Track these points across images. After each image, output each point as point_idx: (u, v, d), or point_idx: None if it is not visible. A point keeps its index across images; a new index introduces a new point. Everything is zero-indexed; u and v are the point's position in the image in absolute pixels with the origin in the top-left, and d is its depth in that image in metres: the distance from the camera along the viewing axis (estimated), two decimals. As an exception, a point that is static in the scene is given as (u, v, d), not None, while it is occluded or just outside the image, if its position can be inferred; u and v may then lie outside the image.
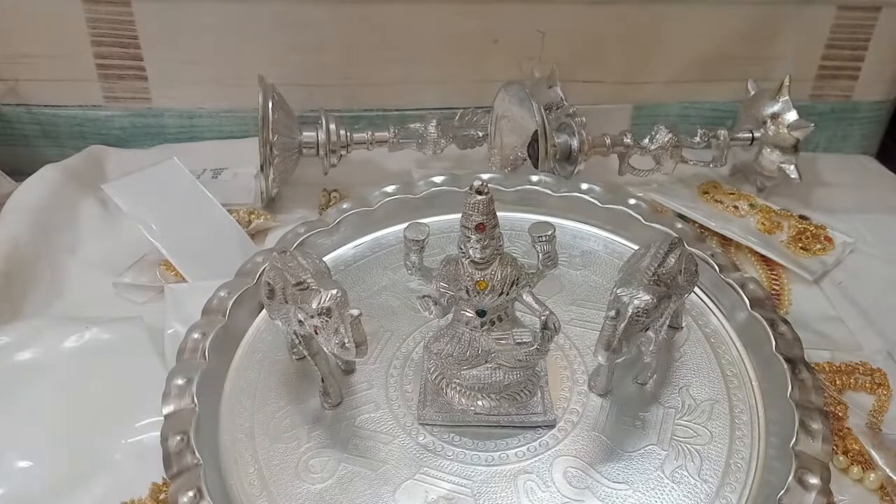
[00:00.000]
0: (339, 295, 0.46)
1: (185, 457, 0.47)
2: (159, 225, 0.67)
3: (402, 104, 0.88)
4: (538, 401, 0.53)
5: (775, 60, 0.87)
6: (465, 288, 0.48)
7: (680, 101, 0.91)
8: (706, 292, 0.62)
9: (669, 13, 0.85)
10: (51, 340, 0.58)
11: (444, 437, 0.51)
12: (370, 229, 0.68)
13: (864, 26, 0.86)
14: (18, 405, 0.55)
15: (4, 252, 0.66)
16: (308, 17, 0.82)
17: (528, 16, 0.83)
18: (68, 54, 0.82)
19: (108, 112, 0.86)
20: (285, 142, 0.73)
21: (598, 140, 0.76)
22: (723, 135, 0.80)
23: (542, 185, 0.70)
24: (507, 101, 0.79)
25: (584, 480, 0.49)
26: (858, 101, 0.91)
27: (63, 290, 0.68)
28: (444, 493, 0.48)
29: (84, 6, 0.80)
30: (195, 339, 0.54)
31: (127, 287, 0.67)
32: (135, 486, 0.50)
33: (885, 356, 0.62)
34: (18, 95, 0.84)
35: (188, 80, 0.85)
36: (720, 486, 0.48)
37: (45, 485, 0.50)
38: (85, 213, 0.75)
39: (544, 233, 0.48)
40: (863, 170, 0.91)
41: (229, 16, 0.81)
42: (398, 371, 0.56)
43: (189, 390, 0.50)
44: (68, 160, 0.80)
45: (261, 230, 0.75)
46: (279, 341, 0.57)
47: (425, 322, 0.59)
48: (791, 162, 0.79)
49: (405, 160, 0.83)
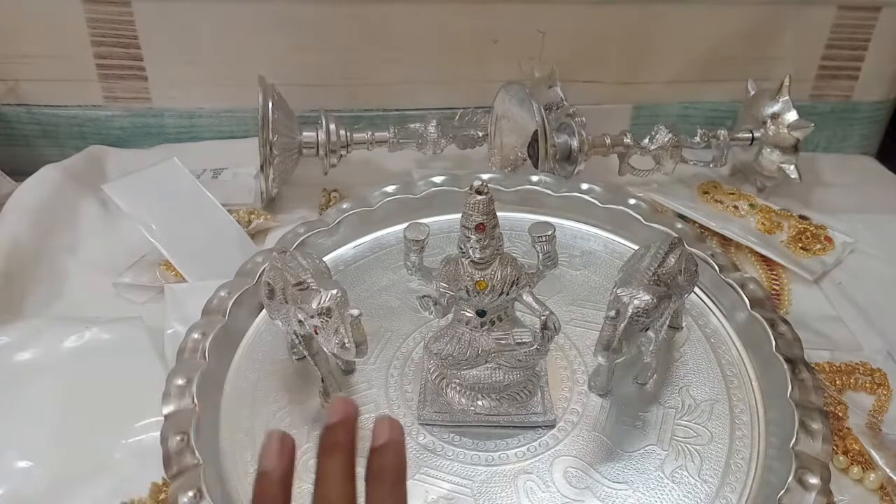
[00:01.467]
0: (339, 295, 0.46)
1: (185, 457, 0.47)
2: (159, 225, 0.67)
3: (402, 104, 0.88)
4: (538, 401, 0.53)
5: (775, 60, 0.87)
6: (465, 288, 0.48)
7: (680, 101, 0.91)
8: (706, 292, 0.62)
9: (669, 13, 0.85)
10: (51, 340, 0.58)
11: (444, 437, 0.51)
12: (370, 229, 0.68)
13: (864, 26, 0.86)
14: (18, 405, 0.55)
15: (4, 252, 0.66)
16: (308, 17, 0.82)
17: (528, 16, 0.83)
18: (68, 54, 0.82)
19: (108, 112, 0.86)
20: (285, 142, 0.73)
21: (598, 140, 0.76)
22: (723, 135, 0.80)
23: (542, 185, 0.70)
24: (507, 101, 0.79)
25: (584, 480, 0.49)
26: (858, 101, 0.91)
27: (63, 290, 0.67)
28: (444, 493, 0.48)
29: (84, 6, 0.80)
30: (195, 339, 0.54)
31: (127, 287, 0.67)
32: (135, 486, 0.50)
33: (885, 356, 0.62)
34: (18, 95, 0.84)
35: (188, 80, 0.85)
36: (720, 486, 0.48)
37: (45, 485, 0.50)
38: (85, 213, 0.75)
39: (544, 233, 0.48)
40: (863, 170, 0.91)
41: (229, 16, 0.81)
42: (398, 371, 0.56)
43: (189, 390, 0.50)
44: (68, 160, 0.80)
45: (261, 230, 0.75)
46: (279, 341, 0.57)
47: (425, 322, 0.59)
48: (791, 162, 0.79)
49: (405, 160, 0.83)
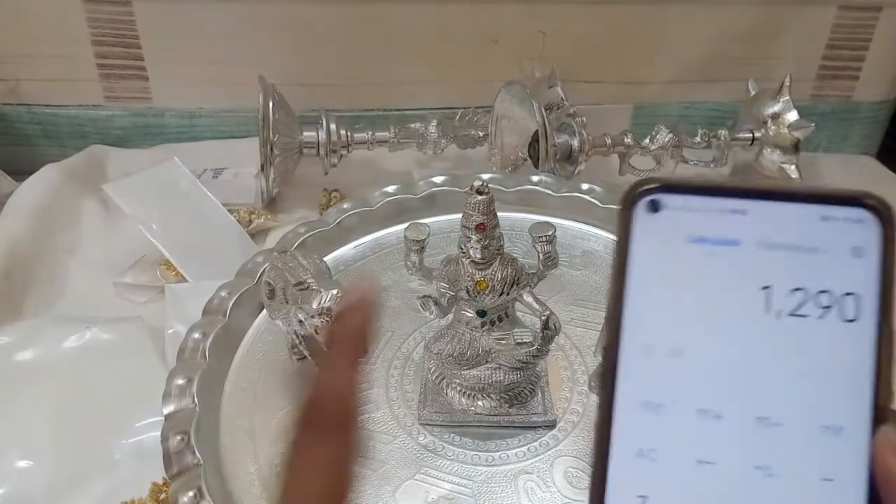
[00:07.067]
0: (339, 295, 0.46)
1: (186, 457, 0.47)
2: (160, 225, 0.67)
3: (403, 104, 0.87)
4: (538, 401, 0.53)
5: (776, 60, 0.87)
6: (465, 288, 0.48)
7: (680, 101, 0.91)
8: (707, 292, 0.62)
9: (669, 13, 0.85)
10: (51, 340, 0.58)
11: (444, 438, 0.51)
12: (370, 229, 0.68)
13: (864, 26, 0.86)
14: (18, 405, 0.55)
15: (4, 252, 0.66)
16: (308, 17, 0.82)
17: (528, 16, 0.82)
18: (69, 54, 0.82)
19: (108, 112, 0.86)
20: (286, 142, 0.73)
21: (598, 140, 0.76)
22: (723, 135, 0.80)
23: (542, 186, 0.70)
24: (507, 101, 0.79)
25: (584, 481, 0.49)
26: (859, 102, 0.91)
27: (63, 290, 0.67)
28: (444, 493, 0.48)
29: (84, 6, 0.80)
30: (195, 339, 0.54)
31: (127, 287, 0.67)
32: (135, 486, 0.50)
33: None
34: (19, 95, 0.84)
35: (189, 80, 0.85)
36: (721, 487, 0.48)
37: (45, 485, 0.50)
38: (85, 213, 0.75)
39: (545, 233, 0.48)
40: (863, 170, 0.91)
41: (230, 16, 0.81)
42: (398, 371, 0.56)
43: (189, 390, 0.50)
44: (69, 160, 0.80)
45: (261, 230, 0.75)
46: (279, 341, 0.57)
47: (425, 322, 0.59)
48: (792, 162, 0.79)
49: (405, 160, 0.83)
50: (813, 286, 0.23)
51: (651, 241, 0.23)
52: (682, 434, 0.23)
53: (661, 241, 0.23)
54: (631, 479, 0.23)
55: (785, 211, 0.23)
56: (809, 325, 0.23)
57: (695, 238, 0.23)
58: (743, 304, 0.23)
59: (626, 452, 0.23)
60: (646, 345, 0.23)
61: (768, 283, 0.23)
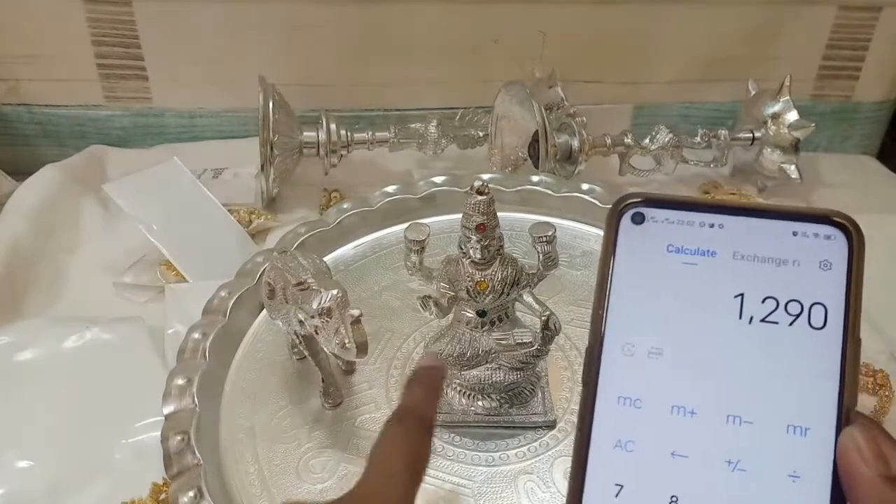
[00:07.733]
0: (339, 295, 0.46)
1: (186, 457, 0.47)
2: (160, 225, 0.67)
3: (403, 104, 0.88)
4: (539, 401, 0.53)
5: (776, 60, 0.87)
6: (465, 288, 0.48)
7: (680, 101, 0.91)
8: (707, 292, 0.62)
9: (669, 13, 0.85)
10: (51, 340, 0.58)
11: (444, 438, 0.51)
12: (370, 229, 0.68)
13: (864, 26, 0.86)
14: (18, 405, 0.55)
15: (4, 252, 0.66)
16: (308, 17, 0.82)
17: (528, 16, 0.82)
18: (69, 54, 0.82)
19: (108, 112, 0.86)
20: (286, 142, 0.73)
21: (598, 140, 0.76)
22: (723, 135, 0.80)
23: (542, 186, 0.70)
24: (507, 101, 0.79)
25: (584, 481, 0.49)
26: (859, 102, 0.91)
27: (63, 290, 0.67)
28: (444, 493, 0.48)
29: (84, 6, 0.80)
30: (195, 339, 0.54)
31: (127, 287, 0.67)
32: (135, 486, 0.50)
33: (888, 357, 0.62)
34: (19, 95, 0.84)
35: (189, 80, 0.85)
36: (721, 487, 0.48)
37: (45, 485, 0.50)
38: (85, 214, 0.75)
39: (545, 233, 0.48)
40: (864, 170, 0.91)
41: (230, 16, 0.81)
42: (399, 371, 0.56)
43: (189, 390, 0.50)
44: (69, 160, 0.80)
45: (261, 230, 0.75)
46: (279, 341, 0.57)
47: (425, 322, 0.59)
48: (792, 162, 0.79)
49: (405, 160, 0.83)
50: (784, 295, 0.24)
51: (634, 250, 0.26)
52: (658, 428, 0.24)
53: (644, 250, 0.25)
54: (609, 469, 0.24)
55: (759, 226, 0.25)
56: (780, 332, 0.24)
57: (674, 248, 0.25)
58: (718, 309, 0.25)
59: (605, 444, 0.24)
60: (626, 344, 0.25)
61: (742, 291, 0.25)
